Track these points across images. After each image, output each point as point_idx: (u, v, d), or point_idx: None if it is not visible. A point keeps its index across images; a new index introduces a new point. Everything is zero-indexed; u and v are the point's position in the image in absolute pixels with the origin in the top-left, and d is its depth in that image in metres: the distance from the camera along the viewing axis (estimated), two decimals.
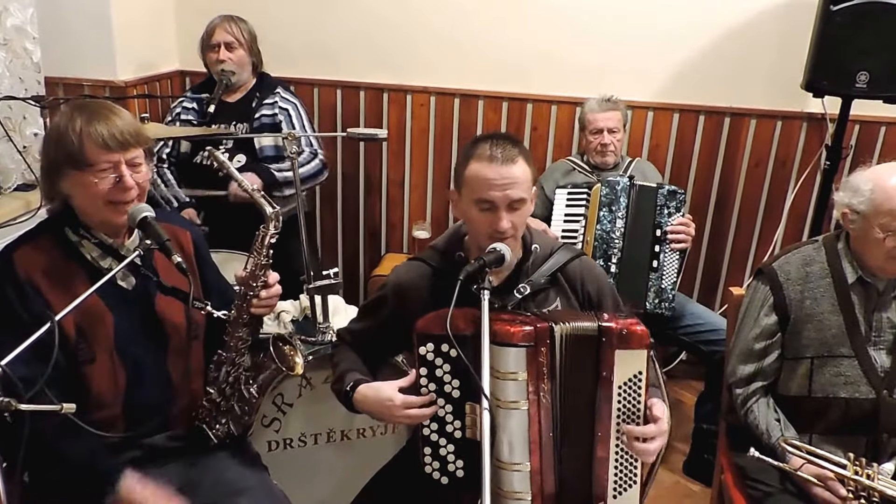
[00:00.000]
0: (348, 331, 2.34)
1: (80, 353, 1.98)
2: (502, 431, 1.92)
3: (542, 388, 1.92)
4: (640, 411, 1.93)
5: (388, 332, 2.22)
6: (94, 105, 2.00)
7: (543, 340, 1.91)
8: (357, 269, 4.72)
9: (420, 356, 1.98)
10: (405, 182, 4.44)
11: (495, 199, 1.98)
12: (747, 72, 3.86)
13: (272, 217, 2.13)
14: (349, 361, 2.23)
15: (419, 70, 4.20)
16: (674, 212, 3.28)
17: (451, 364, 1.96)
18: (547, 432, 1.94)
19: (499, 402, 1.92)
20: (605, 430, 1.93)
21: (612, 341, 1.89)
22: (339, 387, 2.14)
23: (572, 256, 2.21)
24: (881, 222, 2.17)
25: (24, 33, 3.31)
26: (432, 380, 1.98)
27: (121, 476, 1.94)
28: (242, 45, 3.62)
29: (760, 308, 2.36)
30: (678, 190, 3.31)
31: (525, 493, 1.94)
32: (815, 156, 3.89)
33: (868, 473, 2.10)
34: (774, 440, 2.24)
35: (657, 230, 3.26)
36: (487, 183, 1.98)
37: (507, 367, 1.90)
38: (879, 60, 3.21)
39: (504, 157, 1.99)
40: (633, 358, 1.90)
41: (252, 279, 2.07)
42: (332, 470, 2.86)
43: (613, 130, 3.56)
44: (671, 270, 3.29)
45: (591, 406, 1.94)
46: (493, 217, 2.00)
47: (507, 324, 1.92)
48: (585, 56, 3.97)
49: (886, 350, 2.27)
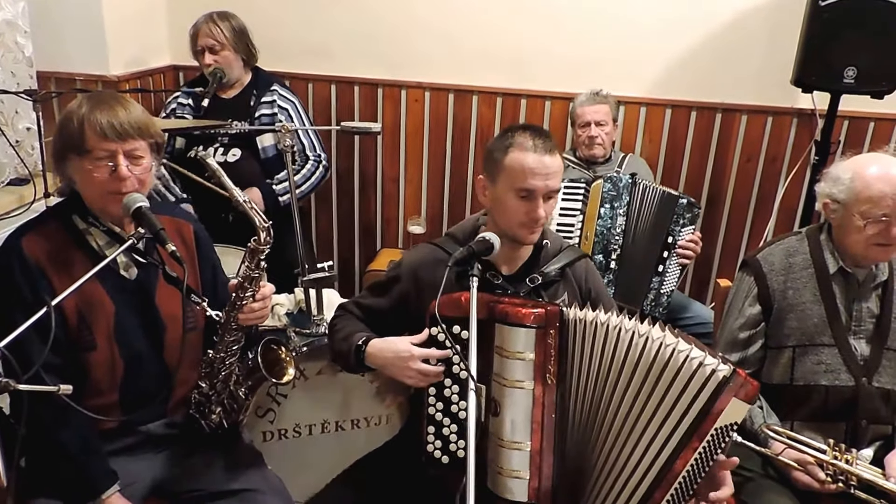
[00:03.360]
0: (356, 304, 2.38)
1: (82, 340, 2.01)
2: (505, 410, 1.97)
3: (550, 369, 1.96)
4: (717, 461, 1.90)
5: (396, 312, 2.27)
6: (105, 95, 2.04)
7: (553, 323, 1.95)
8: (352, 265, 4.75)
9: (432, 336, 2.05)
10: (400, 177, 4.46)
11: (536, 188, 2.05)
12: (738, 68, 3.89)
13: (263, 230, 2.05)
14: (354, 326, 2.28)
15: (414, 65, 4.22)
16: (688, 223, 3.30)
17: (461, 345, 2.01)
18: (550, 415, 1.98)
19: (505, 380, 1.96)
20: (683, 461, 1.87)
21: (737, 387, 1.84)
22: (347, 345, 2.18)
23: (580, 255, 2.31)
24: (861, 210, 2.21)
25: (15, 27, 3.33)
26: (442, 360, 2.05)
27: (108, 488, 1.98)
28: (226, 45, 3.59)
29: (745, 298, 2.40)
30: (696, 203, 3.34)
31: (523, 472, 1.97)
32: (805, 151, 3.92)
33: (847, 458, 2.14)
34: (757, 426, 2.27)
35: (669, 237, 3.28)
36: (531, 172, 2.05)
37: (516, 347, 1.95)
38: (867, 56, 3.26)
39: (546, 148, 2.07)
40: (738, 409, 1.87)
41: (241, 290, 2.06)
42: (326, 460, 2.86)
43: (601, 123, 3.60)
44: (672, 279, 3.32)
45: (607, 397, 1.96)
46: (530, 206, 2.07)
47: (518, 306, 1.97)
48: (579, 52, 4.00)
49: (866, 339, 2.30)
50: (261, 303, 2.10)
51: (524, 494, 1.98)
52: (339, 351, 2.23)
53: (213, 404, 2.18)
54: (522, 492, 1.98)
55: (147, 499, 2.15)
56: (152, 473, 2.16)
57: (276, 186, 3.58)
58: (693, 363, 1.84)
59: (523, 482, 1.97)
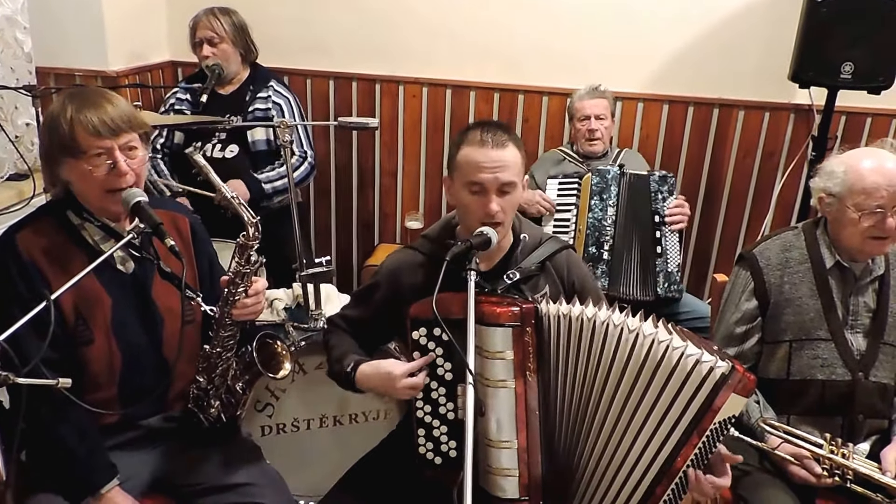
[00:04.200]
0: (341, 316, 2.37)
1: (79, 335, 2.01)
2: (490, 410, 1.96)
3: (529, 366, 1.96)
4: (716, 451, 1.91)
5: (381, 319, 2.26)
6: (87, 92, 2.02)
7: (529, 320, 1.95)
8: (350, 260, 4.76)
9: (413, 340, 2.04)
10: (398, 173, 4.47)
11: (485, 181, 2.02)
12: (736, 63, 3.90)
13: (251, 225, 2.05)
14: (345, 344, 2.27)
15: (411, 61, 4.23)
16: (667, 195, 3.35)
17: (444, 347, 2.02)
18: (534, 411, 1.98)
19: (487, 381, 1.96)
20: (683, 458, 1.87)
21: (735, 383, 1.83)
22: (339, 368, 2.18)
23: (560, 247, 2.26)
24: (856, 202, 2.21)
25: (14, 23, 3.33)
26: (427, 365, 2.04)
27: (108, 482, 1.99)
28: (225, 38, 3.59)
29: (741, 293, 2.40)
30: (668, 174, 3.38)
31: (513, 470, 1.98)
32: (803, 146, 3.92)
33: (843, 453, 2.15)
34: (753, 420, 2.27)
35: (655, 216, 3.32)
36: (478, 166, 2.02)
37: (495, 347, 1.94)
38: (863, 51, 3.26)
39: (495, 142, 2.03)
40: (739, 403, 1.88)
41: (233, 286, 2.06)
42: (324, 454, 2.89)
43: (601, 117, 3.63)
44: (674, 253, 3.36)
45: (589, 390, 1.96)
46: (483, 200, 2.03)
47: (493, 305, 1.96)
48: (576, 48, 4.01)
49: (863, 333, 2.31)
50: (253, 298, 2.10)
51: (515, 492, 1.98)
52: (334, 372, 2.23)
53: (211, 398, 2.18)
54: (514, 489, 1.98)
55: (146, 493, 2.15)
56: (151, 468, 2.17)
57: (261, 177, 3.56)
58: (689, 361, 1.84)
59: (514, 480, 1.98)
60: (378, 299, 2.26)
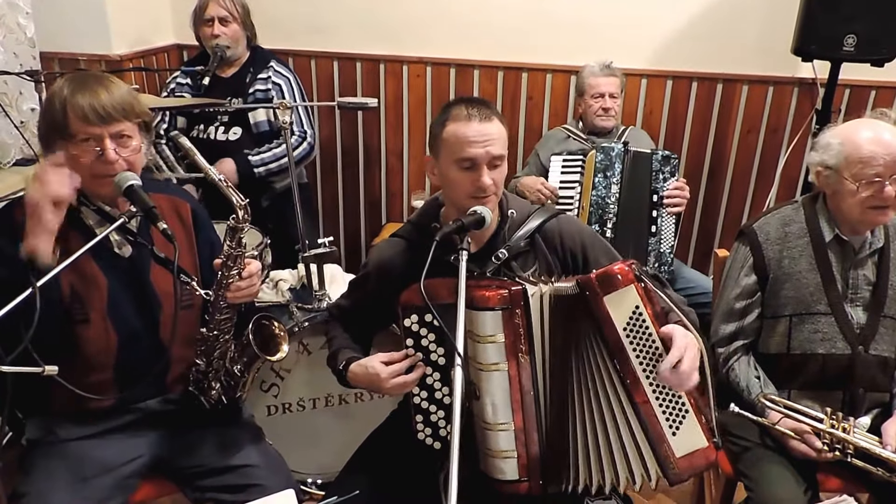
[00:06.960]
0: (337, 306, 2.39)
1: (74, 312, 2.02)
2: (485, 394, 1.96)
3: (521, 348, 1.95)
4: (656, 343, 1.88)
5: (373, 308, 2.26)
6: (86, 77, 2.01)
7: (518, 302, 1.94)
8: (359, 239, 4.79)
9: (405, 328, 2.03)
10: (403, 152, 4.48)
11: (476, 156, 1.99)
12: (739, 38, 3.87)
13: (241, 208, 2.03)
14: (340, 338, 2.29)
15: (415, 41, 4.22)
16: (668, 177, 3.33)
17: (436, 333, 2.01)
18: (528, 392, 1.98)
19: (480, 365, 1.96)
20: (632, 377, 1.87)
21: (595, 290, 1.86)
22: (334, 364, 2.19)
23: (548, 217, 2.20)
24: (853, 172, 2.20)
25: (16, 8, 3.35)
26: (419, 349, 2.03)
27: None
28: (236, 18, 3.57)
29: (741, 268, 2.40)
30: (671, 155, 3.35)
31: (511, 452, 1.98)
32: (807, 121, 3.90)
33: (844, 427, 2.16)
34: (754, 396, 2.28)
35: (654, 195, 3.31)
36: (468, 141, 1.99)
37: (486, 331, 1.94)
38: (866, 23, 3.23)
39: (481, 116, 2.00)
40: (623, 297, 1.86)
41: (225, 269, 2.05)
42: (330, 434, 2.92)
43: (614, 95, 3.62)
44: (668, 234, 3.34)
45: (584, 362, 1.94)
46: (474, 175, 2.00)
47: (482, 289, 1.95)
48: (580, 25, 3.99)
49: (863, 307, 2.30)
50: (247, 281, 2.09)
51: (515, 473, 1.99)
52: (331, 367, 2.23)
53: (211, 381, 2.20)
54: (513, 470, 1.99)
55: (146, 475, 2.18)
56: (151, 450, 2.19)
57: (253, 157, 3.52)
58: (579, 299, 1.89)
59: (513, 461, 1.98)
60: (369, 290, 2.26)
